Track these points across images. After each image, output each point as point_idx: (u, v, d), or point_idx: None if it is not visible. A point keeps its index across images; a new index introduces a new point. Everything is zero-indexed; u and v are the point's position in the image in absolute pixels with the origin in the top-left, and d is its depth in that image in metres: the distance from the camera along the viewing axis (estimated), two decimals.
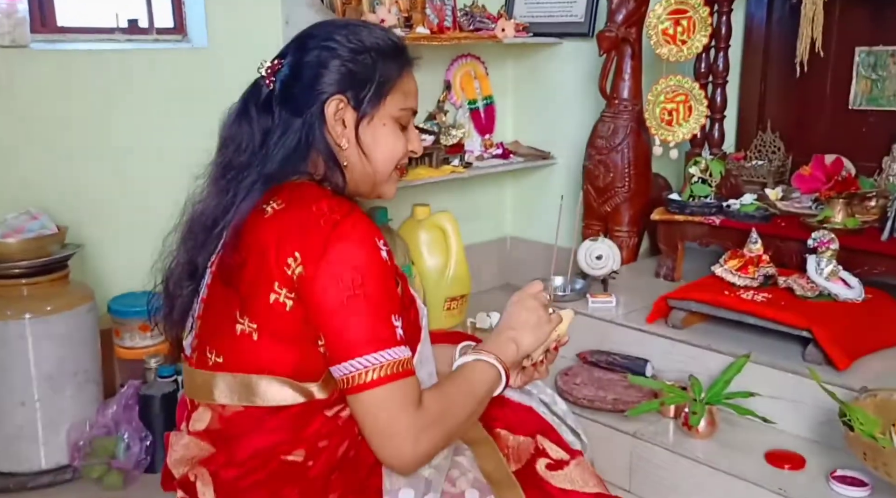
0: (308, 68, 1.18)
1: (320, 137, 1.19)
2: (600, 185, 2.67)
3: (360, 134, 1.19)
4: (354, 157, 1.20)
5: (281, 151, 1.18)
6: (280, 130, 1.19)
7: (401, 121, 1.22)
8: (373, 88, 1.18)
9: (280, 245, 1.09)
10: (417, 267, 2.89)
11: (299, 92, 1.18)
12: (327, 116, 1.17)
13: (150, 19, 2.43)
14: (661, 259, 2.50)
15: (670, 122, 2.45)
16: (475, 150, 3.12)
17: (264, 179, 1.18)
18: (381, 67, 1.19)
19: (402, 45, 1.25)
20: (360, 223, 1.09)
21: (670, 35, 2.39)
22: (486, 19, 3.02)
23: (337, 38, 1.19)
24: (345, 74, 1.18)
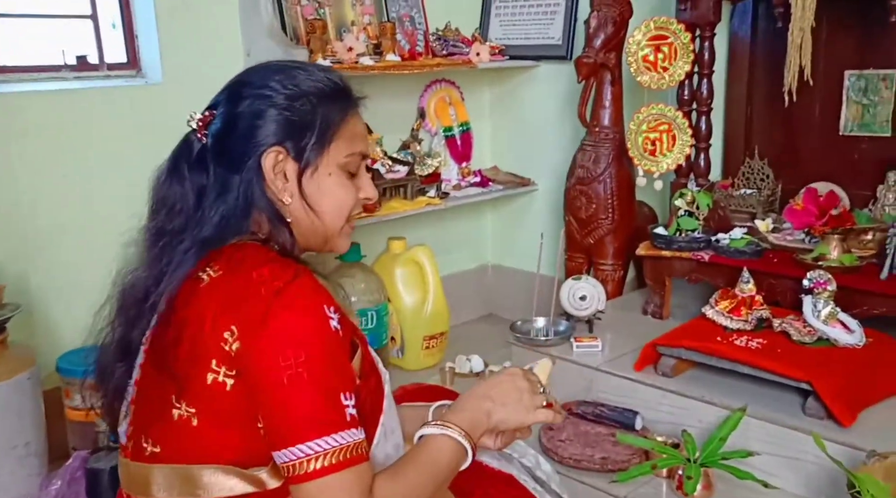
0: (242, 119, 1.09)
1: (260, 194, 1.10)
2: (583, 216, 2.55)
3: (304, 187, 1.10)
4: (300, 211, 1.11)
5: (217, 212, 1.09)
6: (216, 189, 1.10)
7: (348, 168, 1.12)
8: (314, 136, 1.09)
9: (217, 318, 1.00)
10: (394, 304, 2.75)
11: (234, 145, 1.10)
12: (265, 170, 1.08)
13: (100, 54, 2.28)
14: (649, 296, 2.38)
15: (654, 152, 2.34)
16: (452, 178, 2.99)
17: (200, 244, 1.07)
18: (322, 112, 1.09)
19: (345, 85, 1.14)
20: (305, 290, 1.00)
21: (651, 62, 2.28)
22: (460, 43, 2.90)
23: (272, 85, 1.09)
24: (282, 124, 1.08)
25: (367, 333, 2.60)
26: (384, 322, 2.68)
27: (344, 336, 1.02)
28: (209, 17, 2.35)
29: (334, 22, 2.61)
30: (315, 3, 2.55)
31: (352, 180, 1.14)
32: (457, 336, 3.07)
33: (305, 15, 2.51)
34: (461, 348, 2.93)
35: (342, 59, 2.48)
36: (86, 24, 2.24)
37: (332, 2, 2.60)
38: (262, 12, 2.33)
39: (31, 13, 2.16)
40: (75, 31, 2.25)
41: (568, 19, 2.90)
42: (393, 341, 2.78)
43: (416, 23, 2.88)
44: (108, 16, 2.29)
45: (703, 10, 2.26)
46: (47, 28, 2.20)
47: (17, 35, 2.14)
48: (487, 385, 1.18)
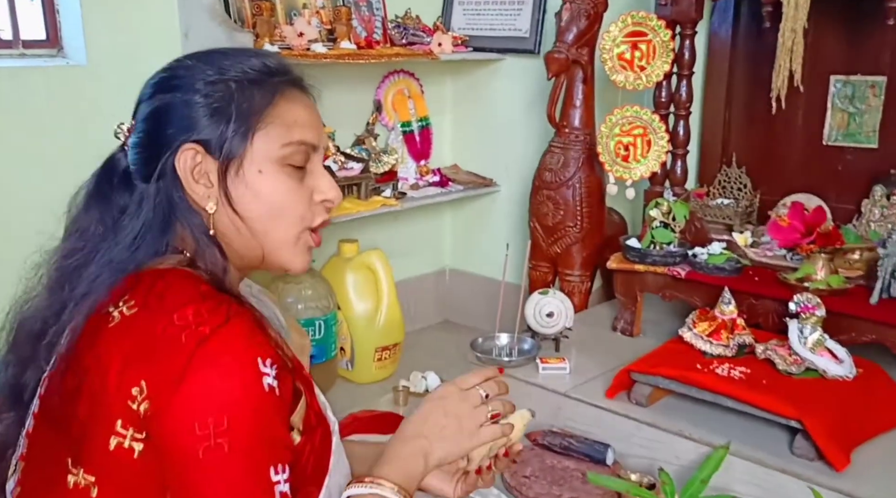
0: (155, 117, 0.94)
1: (180, 203, 0.94)
2: (549, 223, 2.37)
3: (230, 189, 0.93)
4: (226, 221, 0.94)
5: (131, 230, 0.92)
6: (135, 205, 0.94)
7: (290, 161, 0.94)
8: (233, 125, 0.91)
9: (125, 368, 0.83)
10: (344, 312, 2.55)
11: (148, 149, 0.94)
12: (181, 173, 0.92)
13: (14, 30, 2.01)
14: (619, 311, 2.21)
15: (626, 158, 2.17)
16: (410, 177, 2.79)
17: (111, 269, 0.91)
18: (244, 96, 0.92)
19: (278, 66, 0.96)
20: (236, 340, 0.83)
21: (627, 60, 2.11)
22: (421, 32, 2.69)
23: (192, 74, 0.94)
24: (196, 116, 0.92)
25: (313, 343, 2.39)
26: (332, 332, 2.47)
27: (282, 393, 0.85)
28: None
29: (284, 4, 2.38)
30: None
31: (300, 179, 0.95)
32: (412, 344, 2.89)
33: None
34: (416, 359, 2.74)
35: (292, 45, 2.26)
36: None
37: None
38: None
39: None
40: None
41: (536, 11, 2.72)
42: (343, 352, 2.58)
43: (373, 8, 2.66)
44: None
45: (685, 6, 2.10)
46: None
47: None
48: (417, 420, 1.00)
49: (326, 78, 2.57)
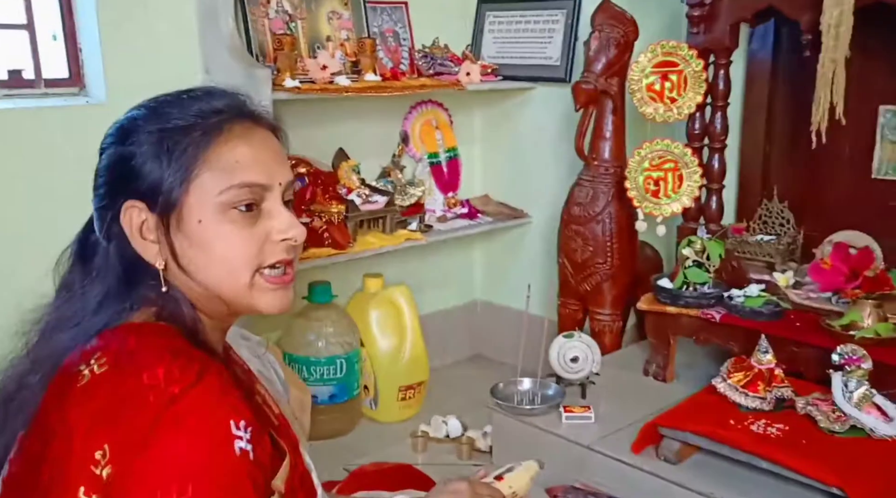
0: (102, 175, 0.92)
1: (135, 262, 0.91)
2: (578, 259, 2.28)
3: (174, 243, 0.89)
4: (177, 276, 0.91)
5: (97, 293, 0.91)
6: (99, 265, 0.93)
7: (234, 206, 0.88)
8: (167, 174, 0.87)
9: (90, 431, 0.79)
10: (368, 349, 2.48)
11: (101, 208, 0.92)
12: (127, 232, 0.89)
13: (36, 69, 2.02)
14: (651, 354, 2.10)
15: (657, 193, 2.06)
16: (437, 209, 2.73)
17: (77, 332, 0.88)
18: (180, 142, 0.87)
19: (221, 104, 0.91)
20: (207, 400, 0.79)
21: (656, 91, 2.01)
22: (449, 61, 2.64)
23: (134, 126, 0.90)
24: (136, 170, 0.88)
25: (335, 383, 2.34)
26: (355, 370, 2.41)
27: (257, 457, 0.80)
28: (163, 29, 2.09)
29: (307, 37, 2.35)
30: (285, 16, 2.29)
31: (251, 223, 0.90)
32: (441, 380, 2.81)
33: (273, 29, 2.24)
34: (443, 397, 2.66)
35: (315, 79, 2.22)
36: (21, 35, 1.98)
37: (305, 15, 2.34)
38: (221, 25, 2.06)
39: None
40: (9, 43, 1.98)
41: (567, 38, 2.63)
42: (366, 391, 2.52)
43: (400, 39, 2.62)
44: (48, 26, 2.03)
45: (719, 33, 1.99)
46: None
47: None
48: None
49: (352, 110, 2.56)
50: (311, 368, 2.33)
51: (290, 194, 0.97)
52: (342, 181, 2.43)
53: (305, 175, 2.37)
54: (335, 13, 2.41)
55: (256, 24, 2.22)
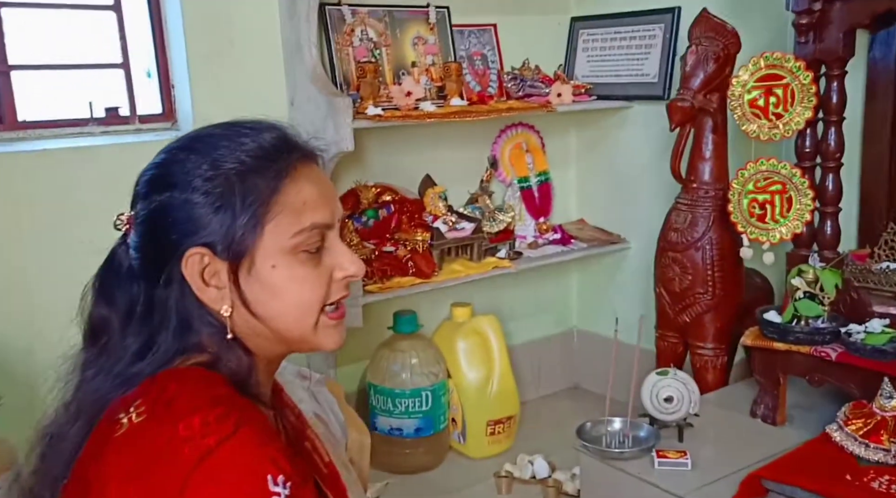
0: (152, 222, 0.87)
1: (193, 308, 0.87)
2: (675, 289, 2.12)
3: (244, 290, 0.86)
4: (245, 322, 0.87)
5: (139, 339, 0.87)
6: (142, 310, 0.88)
7: (305, 248, 0.86)
8: (238, 222, 0.84)
9: (124, 483, 0.76)
10: (455, 381, 2.41)
11: (151, 254, 0.88)
12: (189, 279, 0.86)
13: (131, 106, 2.08)
14: (759, 394, 1.91)
15: (763, 218, 1.89)
16: (528, 236, 2.63)
17: (127, 377, 0.85)
18: (246, 188, 0.84)
19: (274, 142, 0.87)
20: (244, 453, 0.75)
21: (760, 107, 1.84)
22: (540, 82, 2.55)
23: (182, 170, 0.86)
24: (199, 217, 0.85)
25: (420, 415, 2.28)
26: (441, 403, 2.34)
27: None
28: (250, 63, 2.12)
29: (392, 64, 2.32)
30: (370, 44, 2.28)
31: (317, 263, 0.87)
32: (535, 413, 2.71)
33: (358, 58, 2.23)
34: (536, 432, 2.56)
35: (399, 106, 2.19)
36: (117, 74, 2.05)
37: (389, 42, 2.32)
38: (304, 56, 2.07)
39: (56, 64, 1.98)
40: (106, 81, 2.06)
41: (666, 53, 2.50)
42: (454, 424, 2.44)
43: (488, 62, 2.56)
44: (142, 64, 2.09)
45: (831, 42, 1.81)
46: (76, 79, 2.03)
47: (43, 88, 1.97)
48: None
49: (438, 136, 2.52)
50: (395, 400, 2.28)
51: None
52: (428, 208, 2.38)
53: (391, 203, 2.34)
54: (420, 38, 2.38)
55: (341, 54, 2.22)
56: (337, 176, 2.27)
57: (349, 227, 2.23)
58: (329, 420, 1.39)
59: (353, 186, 2.30)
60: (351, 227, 2.24)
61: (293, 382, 1.35)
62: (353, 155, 2.27)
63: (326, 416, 1.39)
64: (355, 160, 2.32)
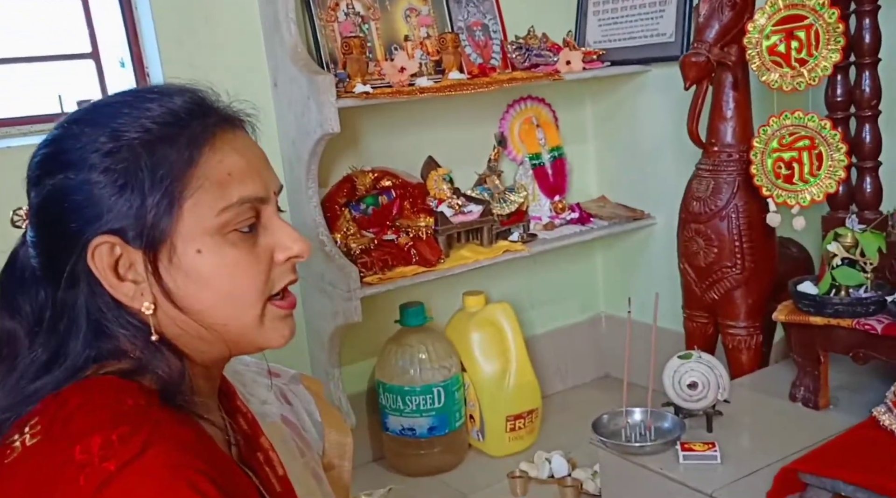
0: (46, 211, 0.74)
1: (107, 309, 0.74)
2: (701, 264, 1.93)
3: (167, 281, 0.73)
4: (172, 320, 0.75)
5: (52, 344, 0.74)
6: (50, 316, 0.76)
7: (234, 227, 0.74)
8: (149, 200, 0.71)
9: None
10: (471, 375, 2.25)
11: (51, 248, 0.75)
12: (99, 274, 0.72)
13: (103, 94, 1.97)
14: (798, 375, 1.71)
15: (790, 178, 1.69)
16: (543, 216, 2.45)
17: (23, 398, 0.73)
18: (155, 160, 0.71)
19: (187, 105, 0.75)
20: (150, 478, 0.62)
21: (780, 54, 1.64)
22: (549, 51, 2.37)
23: (77, 146, 0.72)
24: (100, 199, 0.71)
25: (433, 413, 2.13)
26: (455, 399, 2.18)
27: None
28: (227, 44, 1.99)
29: (383, 39, 2.17)
30: (357, 19, 2.13)
31: (252, 243, 0.76)
32: (563, 406, 2.55)
33: (344, 33, 2.09)
34: (562, 427, 2.40)
35: (391, 83, 2.04)
36: (87, 64, 1.95)
37: (379, 15, 2.17)
38: (283, 34, 1.93)
39: (22, 57, 1.88)
40: (76, 73, 1.95)
41: (682, 8, 2.30)
42: (472, 421, 2.28)
43: (490, 32, 2.39)
44: (114, 53, 1.98)
45: None
46: (44, 72, 1.93)
47: (10, 83, 1.87)
48: None
49: (440, 114, 2.34)
50: (406, 398, 2.13)
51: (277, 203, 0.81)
52: (432, 192, 2.23)
53: (391, 188, 2.20)
54: (413, 10, 2.22)
55: (325, 31, 2.08)
56: (329, 162, 2.13)
57: (346, 215, 2.10)
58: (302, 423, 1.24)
59: (349, 172, 2.16)
60: (348, 216, 2.10)
61: (256, 382, 1.21)
62: (346, 139, 2.14)
63: (299, 418, 1.24)
64: (349, 144, 2.18)
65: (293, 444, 1.17)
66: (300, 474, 1.10)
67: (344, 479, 1.27)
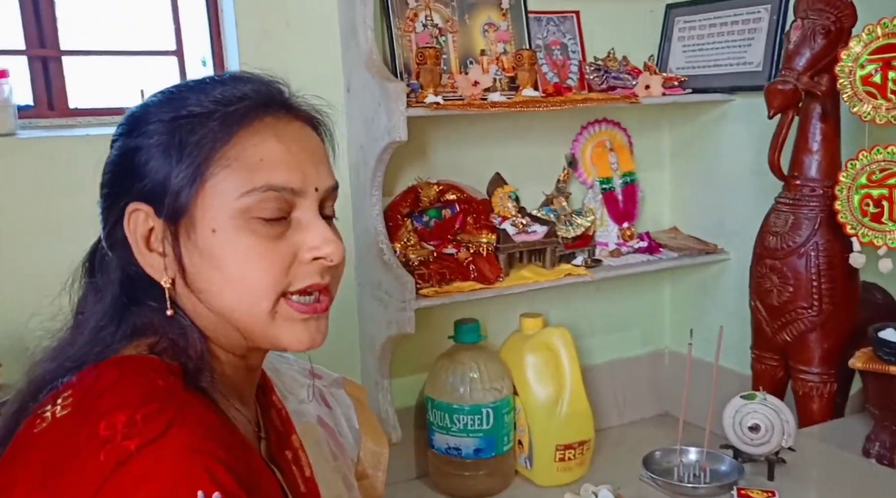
0: (106, 173, 0.77)
1: (137, 279, 0.75)
2: (774, 302, 1.83)
3: (184, 255, 0.72)
4: (185, 297, 0.74)
5: (94, 316, 0.75)
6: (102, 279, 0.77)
7: (257, 214, 0.72)
8: (177, 171, 0.71)
9: (31, 491, 0.63)
10: (522, 400, 2.19)
11: (104, 212, 0.77)
12: (131, 241, 0.74)
13: None
14: (874, 429, 1.59)
15: (879, 217, 1.58)
16: (610, 243, 2.38)
17: (66, 362, 0.73)
18: (195, 133, 0.71)
19: (249, 92, 0.74)
20: (169, 461, 0.61)
21: (876, 84, 1.54)
22: (628, 74, 2.31)
23: (143, 113, 0.75)
24: (141, 164, 0.73)
25: (480, 435, 2.07)
26: (504, 422, 2.12)
27: None
28: (305, 48, 2.01)
29: (459, 52, 2.16)
30: (434, 31, 2.12)
31: (276, 235, 0.73)
32: (615, 442, 2.46)
33: (420, 44, 2.08)
34: (615, 461, 2.30)
35: (464, 96, 2.02)
36: (170, 61, 2.00)
37: (457, 28, 2.16)
38: (360, 41, 1.94)
39: (108, 50, 1.94)
40: (159, 69, 2.00)
41: (772, 37, 2.20)
42: (520, 447, 2.21)
43: (568, 51, 2.35)
44: (197, 51, 2.03)
45: None
46: (129, 67, 1.98)
47: (95, 75, 1.93)
48: None
49: (511, 131, 2.30)
50: (453, 416, 2.09)
51: (332, 206, 0.78)
52: (496, 209, 2.19)
53: (455, 202, 2.17)
54: (492, 25, 2.20)
55: (402, 40, 2.08)
56: (396, 171, 2.12)
57: (407, 226, 2.08)
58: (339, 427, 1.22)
59: (414, 183, 2.14)
60: (409, 227, 2.08)
61: (297, 381, 1.19)
62: (414, 149, 2.13)
63: (336, 422, 1.22)
64: (417, 155, 2.16)
65: (326, 446, 1.14)
66: (330, 478, 1.07)
67: (377, 489, 1.24)
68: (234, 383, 0.79)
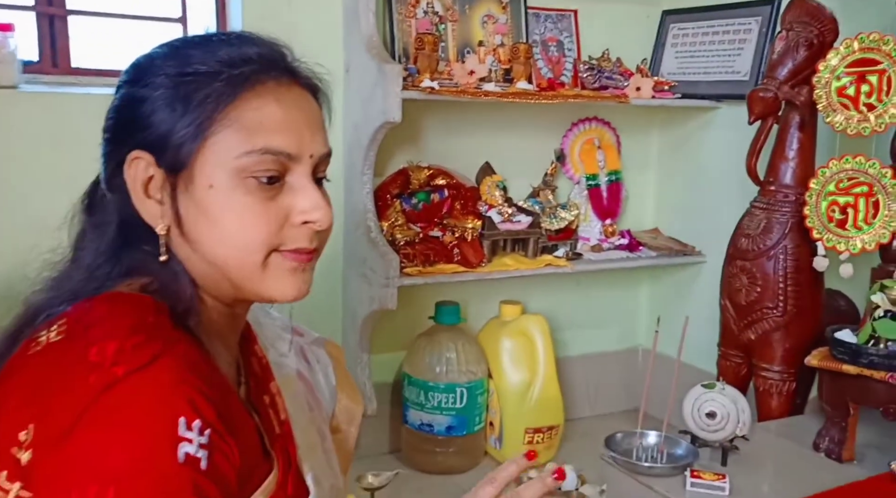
0: (109, 119, 0.81)
1: (133, 222, 0.79)
2: (742, 301, 1.90)
3: (180, 207, 0.77)
4: (179, 245, 0.78)
5: (93, 249, 0.80)
6: (100, 218, 0.82)
7: (252, 173, 0.75)
8: (180, 125, 0.75)
9: (20, 407, 0.68)
10: (496, 383, 2.25)
11: (105, 156, 0.81)
12: (130, 187, 0.77)
13: None
14: (825, 425, 1.66)
15: (843, 224, 1.65)
16: (592, 238, 2.45)
17: (62, 294, 0.78)
18: (201, 90, 0.75)
19: (255, 55, 0.78)
20: (153, 388, 0.65)
21: (849, 96, 1.62)
22: (620, 75, 2.38)
23: (149, 65, 0.79)
24: (145, 114, 0.76)
25: (453, 413, 2.14)
26: (477, 403, 2.19)
27: (213, 466, 0.66)
28: (307, 27, 2.07)
29: (457, 41, 2.22)
30: (435, 18, 2.19)
31: (269, 197, 0.77)
32: (582, 431, 2.52)
33: (420, 30, 2.14)
34: (581, 449, 2.36)
35: (458, 84, 2.09)
36: (175, 27, 2.05)
37: (457, 17, 2.22)
38: (361, 24, 2.00)
39: (113, 13, 1.99)
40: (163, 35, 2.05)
41: (760, 49, 2.27)
42: (491, 428, 2.28)
43: (564, 49, 2.42)
44: (200, 21, 2.08)
45: None
46: (133, 30, 2.03)
47: (99, 37, 1.98)
48: None
49: (504, 122, 2.38)
50: (428, 393, 2.15)
51: (324, 170, 0.83)
52: (483, 197, 2.25)
53: (444, 187, 2.23)
54: (491, 17, 2.27)
55: (402, 25, 2.14)
56: (389, 153, 2.19)
57: (396, 207, 2.14)
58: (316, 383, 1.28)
59: (405, 166, 2.20)
60: (398, 208, 2.14)
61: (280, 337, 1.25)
62: (407, 132, 2.19)
63: (314, 377, 1.28)
64: (409, 138, 2.22)
65: (303, 399, 1.20)
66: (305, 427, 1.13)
67: (349, 443, 1.29)
68: (219, 328, 0.84)
